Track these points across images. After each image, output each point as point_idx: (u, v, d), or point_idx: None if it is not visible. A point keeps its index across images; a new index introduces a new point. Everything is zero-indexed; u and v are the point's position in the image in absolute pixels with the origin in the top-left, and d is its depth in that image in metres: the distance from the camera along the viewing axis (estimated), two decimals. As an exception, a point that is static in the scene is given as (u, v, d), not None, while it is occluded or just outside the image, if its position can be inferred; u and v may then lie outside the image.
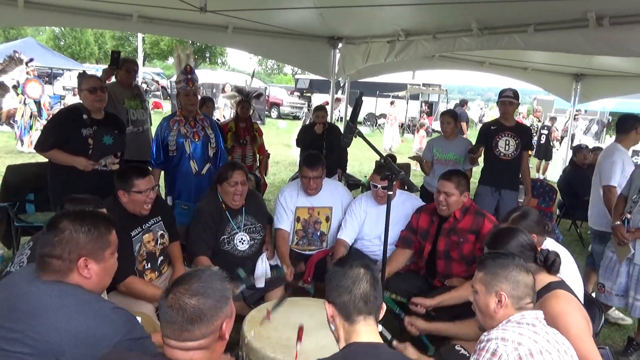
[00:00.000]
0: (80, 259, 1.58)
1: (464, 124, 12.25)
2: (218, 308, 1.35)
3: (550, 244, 2.59)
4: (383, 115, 21.45)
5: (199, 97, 4.35)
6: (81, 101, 3.51)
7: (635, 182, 3.36)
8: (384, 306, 1.61)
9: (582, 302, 2.44)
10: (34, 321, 1.47)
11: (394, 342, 2.29)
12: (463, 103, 15.21)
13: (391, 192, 2.38)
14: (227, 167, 3.25)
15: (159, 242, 2.93)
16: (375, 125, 21.00)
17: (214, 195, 3.26)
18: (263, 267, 3.22)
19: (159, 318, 1.40)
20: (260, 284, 3.15)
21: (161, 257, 2.99)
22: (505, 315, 1.74)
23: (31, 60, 10.51)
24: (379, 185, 3.33)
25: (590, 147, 7.09)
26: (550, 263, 2.11)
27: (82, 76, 3.75)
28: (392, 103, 17.38)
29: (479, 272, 1.85)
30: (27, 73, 9.99)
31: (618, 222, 3.33)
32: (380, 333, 1.59)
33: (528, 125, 12.18)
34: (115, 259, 1.73)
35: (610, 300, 3.43)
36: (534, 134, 12.39)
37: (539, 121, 13.24)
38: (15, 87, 9.94)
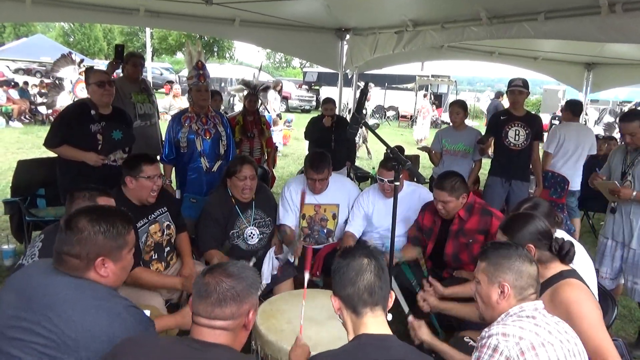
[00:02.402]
0: (98, 258, 1.59)
1: None
2: (249, 293, 1.44)
3: (561, 235, 2.55)
4: (392, 108, 21.36)
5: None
6: (89, 96, 3.52)
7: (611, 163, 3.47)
8: (392, 294, 1.59)
9: (596, 293, 2.42)
10: (51, 313, 1.48)
11: (410, 318, 2.24)
12: (499, 95, 14.25)
13: (398, 183, 2.35)
14: (236, 162, 3.24)
15: (165, 232, 2.94)
16: (384, 118, 20.89)
17: (223, 190, 3.25)
18: (270, 263, 3.22)
19: (192, 300, 1.45)
20: (266, 279, 3.16)
21: (167, 248, 3.00)
22: (508, 306, 1.72)
23: (82, 61, 10.78)
24: (386, 179, 3.30)
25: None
26: (564, 252, 2.07)
27: (90, 71, 3.76)
28: (425, 96, 17.02)
29: (481, 262, 1.82)
30: (80, 74, 10.21)
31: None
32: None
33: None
34: (131, 255, 1.74)
35: (607, 285, 3.41)
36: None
37: (586, 114, 12.71)
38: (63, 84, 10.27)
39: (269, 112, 10.78)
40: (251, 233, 3.26)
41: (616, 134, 11.81)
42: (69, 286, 1.55)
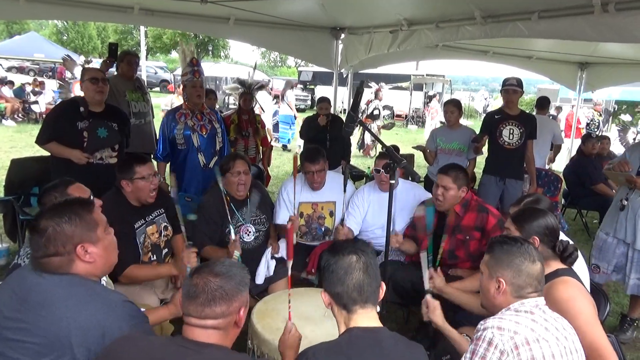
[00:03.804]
0: (77, 247, 1.58)
1: None
2: (238, 291, 1.45)
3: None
4: (387, 107, 21.36)
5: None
6: (82, 93, 3.52)
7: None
8: (384, 285, 1.60)
9: (589, 290, 2.43)
10: (44, 311, 1.48)
11: (428, 296, 2.24)
12: None
13: (394, 181, 2.36)
14: (228, 158, 3.26)
15: (162, 234, 2.94)
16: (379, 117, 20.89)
17: (218, 188, 3.24)
18: (265, 264, 3.23)
19: (182, 301, 1.46)
20: (259, 280, 3.17)
21: (165, 249, 2.99)
22: (504, 302, 1.73)
23: (90, 61, 10.74)
24: (382, 170, 3.33)
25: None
26: (567, 254, 2.10)
27: (85, 68, 3.76)
28: (434, 96, 17.10)
29: (486, 255, 1.83)
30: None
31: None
32: None
33: (588, 120, 11.56)
34: (112, 235, 1.73)
35: (608, 279, 3.51)
36: (596, 130, 11.60)
37: (600, 115, 12.32)
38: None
39: (264, 111, 10.80)
40: (247, 230, 3.26)
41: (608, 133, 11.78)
42: (62, 283, 1.54)
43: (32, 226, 1.60)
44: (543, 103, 6.60)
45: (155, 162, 3.57)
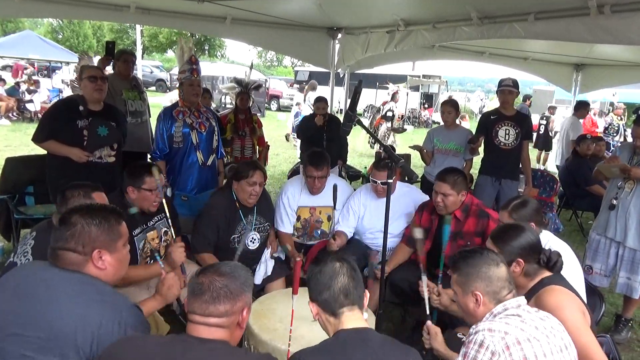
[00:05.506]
0: (94, 251, 1.63)
1: None
2: (242, 291, 1.48)
3: (547, 236, 2.58)
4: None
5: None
6: (81, 91, 3.50)
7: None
8: (367, 293, 1.64)
9: (584, 291, 2.44)
10: (52, 306, 1.50)
11: (428, 322, 2.22)
12: (526, 98, 13.11)
13: (391, 181, 2.35)
14: (248, 166, 3.20)
15: (162, 239, 2.93)
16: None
17: (228, 192, 3.22)
18: (264, 267, 3.22)
19: (187, 299, 1.49)
20: (257, 280, 3.17)
21: (164, 255, 2.97)
22: (485, 311, 1.76)
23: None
24: (379, 181, 3.31)
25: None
26: (552, 264, 2.10)
27: (85, 66, 3.75)
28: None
29: (453, 274, 1.86)
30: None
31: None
32: None
33: (607, 124, 11.06)
34: (127, 250, 1.78)
35: (601, 282, 3.52)
36: (616, 135, 10.91)
37: (620, 119, 11.80)
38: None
39: (260, 111, 10.80)
40: (253, 238, 3.24)
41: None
42: (72, 280, 1.58)
43: (63, 217, 1.65)
44: (581, 106, 7.59)
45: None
